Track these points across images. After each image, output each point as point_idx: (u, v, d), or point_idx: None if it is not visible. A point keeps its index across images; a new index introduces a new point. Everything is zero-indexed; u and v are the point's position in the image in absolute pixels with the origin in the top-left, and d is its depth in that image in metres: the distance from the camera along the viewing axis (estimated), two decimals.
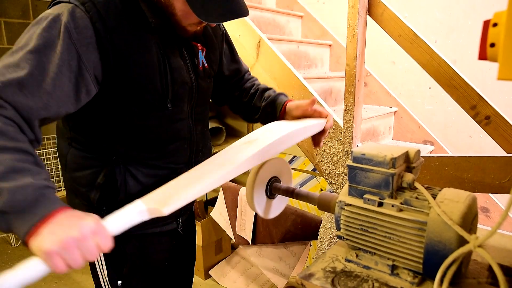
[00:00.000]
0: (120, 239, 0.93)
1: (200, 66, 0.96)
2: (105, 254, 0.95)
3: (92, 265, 0.99)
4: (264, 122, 1.04)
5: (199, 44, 0.96)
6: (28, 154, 0.62)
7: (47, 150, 3.16)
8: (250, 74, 1.19)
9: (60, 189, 3.19)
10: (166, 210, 0.63)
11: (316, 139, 1.00)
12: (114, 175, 0.88)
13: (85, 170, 0.89)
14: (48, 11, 0.75)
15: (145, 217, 0.64)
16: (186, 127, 0.95)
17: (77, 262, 0.56)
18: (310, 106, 0.97)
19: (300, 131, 0.91)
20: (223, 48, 1.09)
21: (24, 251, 2.71)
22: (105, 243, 0.58)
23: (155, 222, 0.92)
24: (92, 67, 0.76)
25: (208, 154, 1.06)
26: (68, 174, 0.93)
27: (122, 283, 0.97)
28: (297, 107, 0.99)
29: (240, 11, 0.82)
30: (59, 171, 3.23)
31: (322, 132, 0.98)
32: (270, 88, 1.11)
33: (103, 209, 0.90)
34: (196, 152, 0.99)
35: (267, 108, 1.05)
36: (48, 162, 3.17)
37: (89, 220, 0.58)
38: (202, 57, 0.97)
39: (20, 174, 0.58)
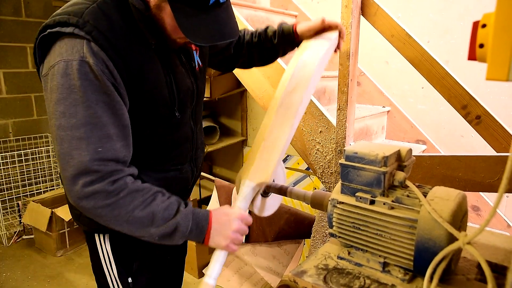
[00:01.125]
0: (131, 237, 0.94)
1: (197, 67, 0.97)
2: (113, 253, 0.96)
3: (96, 265, 0.99)
4: (283, 54, 1.17)
5: (192, 45, 0.95)
6: (159, 192, 0.81)
7: (39, 148, 3.14)
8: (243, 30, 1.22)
9: (53, 188, 3.17)
10: (269, 180, 0.88)
11: (337, 46, 1.11)
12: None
13: None
14: (65, 55, 0.72)
15: (257, 190, 0.89)
16: (189, 129, 0.98)
17: (241, 240, 0.86)
18: (322, 23, 1.06)
19: (325, 56, 1.00)
20: None
21: (16, 250, 2.70)
22: (249, 220, 0.87)
23: None
24: (124, 93, 0.79)
25: (202, 148, 1.09)
26: None
27: (132, 279, 0.98)
28: (309, 29, 1.08)
29: (230, 34, 0.81)
30: (51, 169, 3.21)
31: (340, 38, 1.09)
32: (267, 26, 1.17)
33: None
34: (196, 149, 1.02)
35: (281, 42, 1.12)
36: (41, 161, 3.15)
37: (233, 212, 0.85)
38: (197, 58, 0.98)
39: (172, 209, 0.80)
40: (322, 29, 1.07)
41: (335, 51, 1.11)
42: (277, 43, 1.12)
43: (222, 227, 0.83)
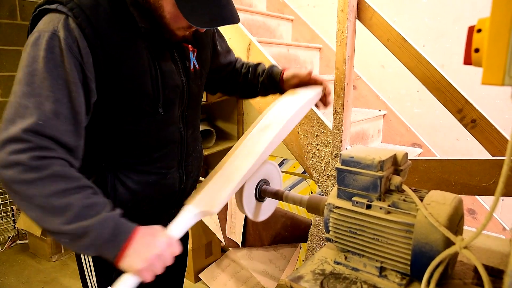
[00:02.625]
0: None
1: (192, 68, 0.95)
2: (94, 260, 0.94)
3: (80, 271, 0.98)
4: (264, 94, 1.16)
5: (190, 46, 0.95)
6: (88, 188, 0.71)
7: None
8: (235, 56, 1.23)
9: None
10: (216, 209, 0.77)
11: (323, 101, 1.09)
12: (104, 182, 0.86)
13: None
14: (41, 26, 0.73)
15: (199, 218, 0.78)
16: (177, 131, 0.94)
17: (160, 271, 0.70)
18: (308, 75, 1.06)
19: (305, 105, 0.98)
20: (216, 43, 1.10)
21: (10, 255, 2.67)
22: (176, 250, 0.73)
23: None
24: (93, 76, 0.77)
25: (199, 157, 1.05)
26: None
27: None
28: (293, 76, 1.07)
29: (231, 18, 0.81)
30: None
31: (324, 96, 1.07)
32: (259, 63, 1.17)
33: None
34: (187, 156, 0.98)
35: (265, 81, 1.12)
36: None
37: (162, 235, 0.72)
38: (193, 59, 0.96)
39: (93, 209, 0.69)
40: (307, 80, 1.06)
41: (317, 106, 1.11)
42: (262, 82, 1.12)
43: (144, 247, 0.69)
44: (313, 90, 1.03)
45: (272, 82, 1.10)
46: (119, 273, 0.95)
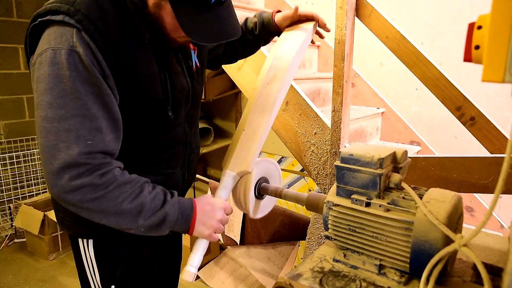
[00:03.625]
0: (113, 244, 0.91)
1: (194, 67, 0.95)
2: (97, 259, 0.94)
3: (80, 271, 0.97)
4: (266, 43, 1.20)
5: (191, 44, 0.94)
6: (146, 183, 0.80)
7: (31, 150, 3.10)
8: None
9: (46, 190, 3.13)
10: (250, 168, 0.91)
11: (323, 30, 1.14)
12: None
13: None
14: (53, 42, 0.70)
15: (237, 179, 0.93)
16: (183, 131, 0.95)
17: (222, 230, 0.88)
18: (295, 13, 1.09)
19: (302, 45, 1.03)
20: None
21: (8, 254, 2.66)
22: (229, 211, 0.90)
23: None
24: (113, 84, 0.77)
25: (198, 153, 1.06)
26: None
27: (115, 287, 0.96)
28: (284, 18, 1.11)
29: (232, 33, 0.79)
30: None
31: (321, 27, 1.12)
32: (246, 18, 1.19)
33: None
34: (189, 154, 0.99)
35: (262, 33, 1.14)
36: (33, 163, 3.11)
37: (217, 202, 0.87)
38: (194, 58, 0.96)
39: (160, 199, 0.79)
40: (298, 18, 1.10)
41: (321, 37, 1.16)
42: (259, 34, 1.14)
43: (206, 217, 0.84)
44: (305, 29, 1.07)
45: (268, 31, 1.14)
46: (123, 270, 0.95)
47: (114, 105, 0.76)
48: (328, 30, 1.13)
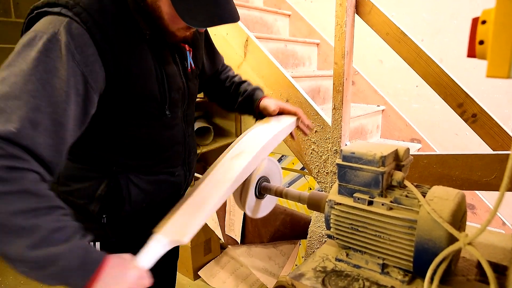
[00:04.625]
0: (120, 246, 0.90)
1: (189, 68, 0.95)
2: None
3: None
4: (241, 114, 1.15)
5: (186, 45, 0.95)
6: (59, 209, 0.62)
7: None
8: (224, 64, 1.21)
9: None
10: (186, 239, 0.72)
11: (302, 130, 1.09)
12: (118, 186, 0.85)
13: (83, 182, 0.85)
14: (39, 27, 0.67)
15: (168, 247, 0.73)
16: (181, 131, 0.95)
17: None
18: (273, 113, 1.04)
19: (279, 134, 0.97)
20: (206, 45, 1.09)
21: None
22: (147, 282, 0.68)
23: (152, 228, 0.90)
24: (98, 86, 0.72)
25: (195, 151, 1.06)
26: (61, 188, 0.86)
27: None
28: (264, 108, 1.05)
29: (230, 17, 0.78)
30: None
31: (301, 124, 1.07)
32: (244, 81, 1.15)
33: (103, 216, 0.87)
34: (189, 153, 0.99)
35: (243, 103, 1.10)
36: None
37: (132, 268, 0.66)
38: (190, 59, 0.96)
39: (63, 234, 0.60)
40: (281, 111, 1.06)
41: (304, 134, 1.11)
42: (240, 103, 1.10)
43: (112, 280, 0.63)
44: (287, 120, 1.03)
45: (248, 107, 1.09)
46: None
47: (68, 109, 0.66)
48: (310, 129, 1.10)
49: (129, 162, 0.86)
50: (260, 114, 1.07)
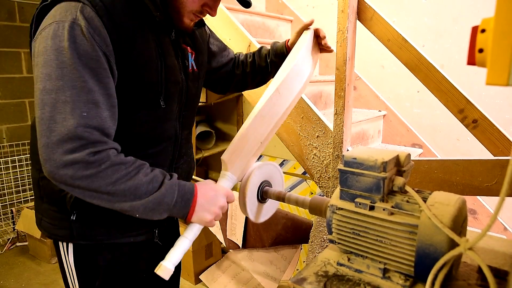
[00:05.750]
0: (92, 251, 0.90)
1: (190, 68, 0.97)
2: (76, 266, 0.92)
3: (63, 276, 0.97)
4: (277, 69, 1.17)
5: (188, 48, 0.98)
6: (143, 165, 0.77)
7: (21, 156, 3.08)
8: (235, 53, 1.26)
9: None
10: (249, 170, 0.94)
11: (322, 48, 1.17)
12: None
13: None
14: (57, 16, 0.72)
15: (236, 181, 0.91)
16: (173, 128, 0.94)
17: (220, 216, 0.85)
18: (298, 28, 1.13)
19: (303, 52, 1.05)
20: (210, 46, 1.13)
21: (9, 258, 2.66)
22: (232, 199, 0.88)
23: (125, 232, 0.91)
24: (114, 60, 0.77)
25: (190, 162, 1.05)
26: (42, 174, 0.85)
27: None
28: (294, 38, 1.13)
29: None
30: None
31: (319, 38, 1.14)
32: (261, 47, 1.21)
33: (73, 212, 0.87)
34: (179, 157, 0.98)
35: (274, 59, 1.15)
36: (21, 169, 3.08)
37: (220, 189, 0.85)
38: (191, 60, 0.98)
39: (157, 181, 0.77)
40: (300, 30, 1.13)
41: (328, 50, 1.18)
42: (271, 61, 1.15)
43: (207, 202, 0.81)
44: (303, 40, 1.10)
45: (281, 57, 1.13)
46: (101, 280, 0.93)
47: (110, 81, 0.75)
48: (324, 37, 1.15)
49: None
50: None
